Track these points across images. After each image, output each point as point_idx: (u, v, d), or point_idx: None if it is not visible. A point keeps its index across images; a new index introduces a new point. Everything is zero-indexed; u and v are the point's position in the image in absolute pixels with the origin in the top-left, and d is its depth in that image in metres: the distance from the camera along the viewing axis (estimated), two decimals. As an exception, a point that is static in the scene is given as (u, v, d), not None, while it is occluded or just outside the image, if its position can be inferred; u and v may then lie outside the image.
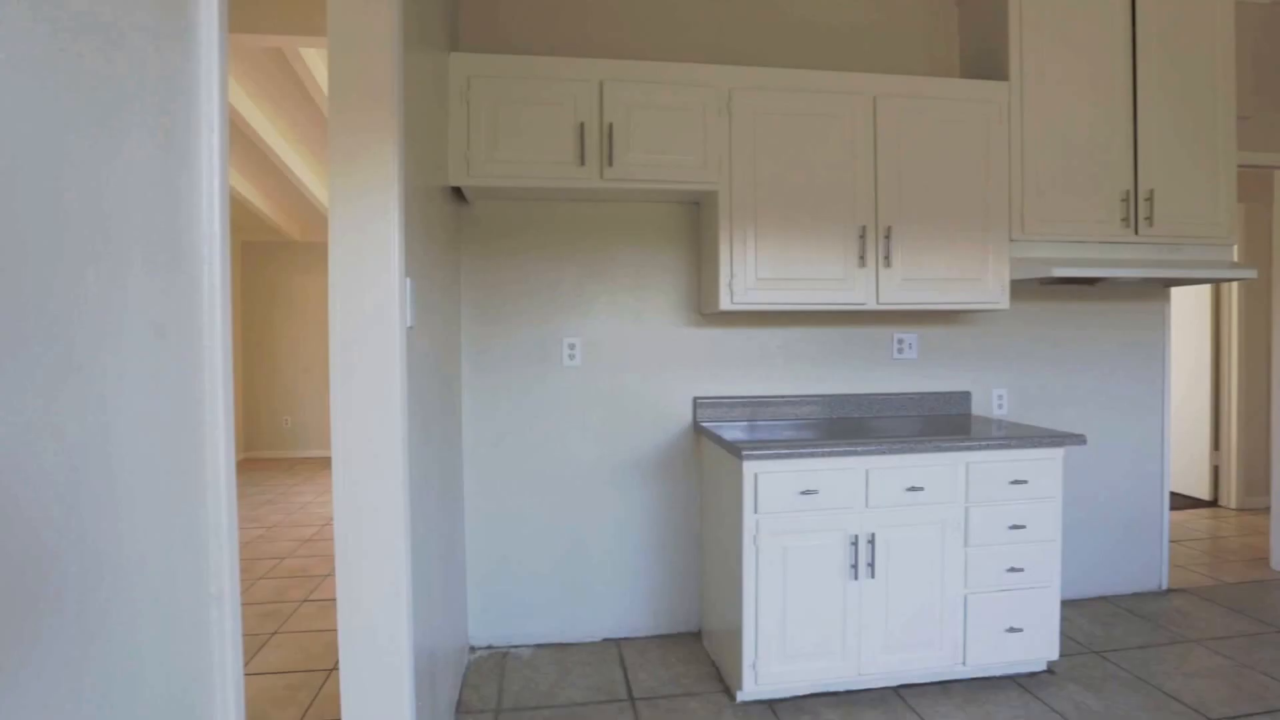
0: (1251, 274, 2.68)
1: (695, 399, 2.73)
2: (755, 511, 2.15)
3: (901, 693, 2.28)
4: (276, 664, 2.55)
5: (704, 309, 2.68)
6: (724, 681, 2.35)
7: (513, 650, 2.61)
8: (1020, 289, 2.98)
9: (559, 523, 2.67)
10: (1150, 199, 2.70)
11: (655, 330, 2.74)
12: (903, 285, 2.53)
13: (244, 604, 3.03)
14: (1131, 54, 2.71)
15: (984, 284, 2.59)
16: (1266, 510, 4.00)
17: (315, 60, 3.58)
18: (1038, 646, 2.33)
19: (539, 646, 2.64)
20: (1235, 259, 4.57)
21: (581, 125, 2.36)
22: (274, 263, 7.04)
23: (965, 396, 2.93)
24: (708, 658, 2.53)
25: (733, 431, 2.48)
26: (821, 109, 2.49)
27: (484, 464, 2.63)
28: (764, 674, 2.15)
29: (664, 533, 2.74)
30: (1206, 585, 3.25)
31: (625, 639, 2.70)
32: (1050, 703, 2.22)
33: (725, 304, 2.44)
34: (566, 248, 2.69)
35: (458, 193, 2.47)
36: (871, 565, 2.20)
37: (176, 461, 0.80)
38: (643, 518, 2.73)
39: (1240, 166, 3.30)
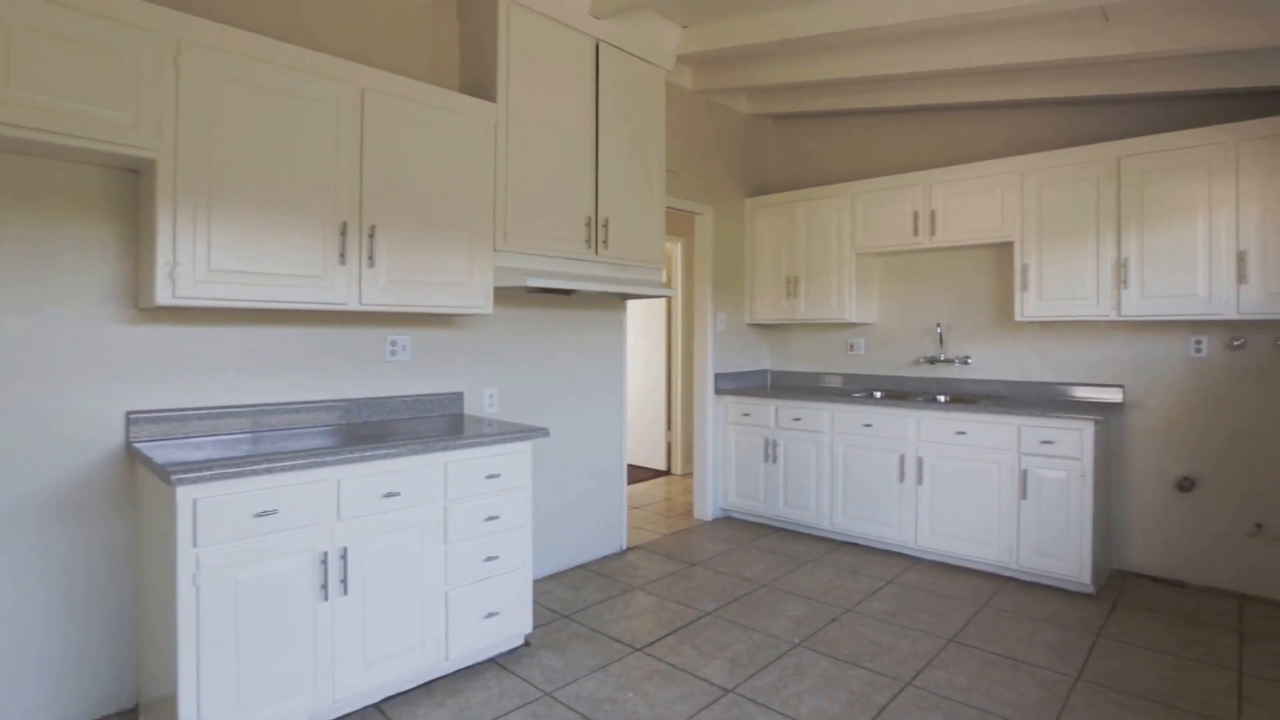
0: (672, 293, 3.48)
1: (129, 414, 2.18)
2: (195, 545, 1.79)
3: (383, 707, 2.21)
4: None
5: (142, 303, 2.16)
6: (160, 761, 1.91)
7: None
8: (508, 296, 3.27)
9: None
10: (606, 226, 3.27)
11: (67, 328, 2.09)
12: (388, 286, 2.48)
13: None
14: (595, 107, 3.23)
15: (470, 289, 2.73)
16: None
17: None
18: (515, 624, 2.55)
19: None
20: (670, 281, 6.00)
21: (-88, 30, 1.63)
22: None
23: (458, 397, 3.07)
24: (143, 737, 2.04)
25: (184, 450, 2.05)
26: (302, 90, 2.26)
27: None
28: (208, 738, 1.82)
29: (82, 592, 2.10)
30: (654, 539, 4.12)
31: (6, 750, 1.98)
32: (521, 674, 2.45)
33: (164, 298, 1.99)
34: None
35: None
36: (344, 581, 2.07)
37: None
38: (45, 578, 2.04)
39: (671, 209, 4.31)
